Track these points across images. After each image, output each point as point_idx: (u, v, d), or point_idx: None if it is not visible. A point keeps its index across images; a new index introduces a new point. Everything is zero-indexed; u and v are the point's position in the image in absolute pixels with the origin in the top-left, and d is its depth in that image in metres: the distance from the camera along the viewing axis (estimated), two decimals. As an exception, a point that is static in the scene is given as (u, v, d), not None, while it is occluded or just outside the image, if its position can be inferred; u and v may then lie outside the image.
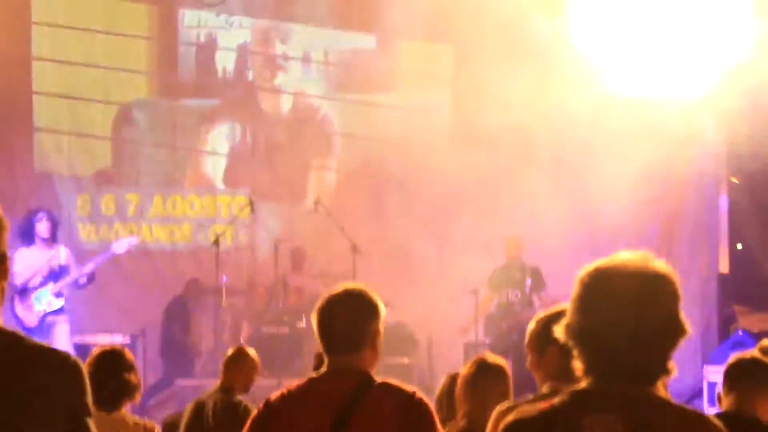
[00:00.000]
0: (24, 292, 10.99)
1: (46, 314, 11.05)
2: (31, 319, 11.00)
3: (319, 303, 3.74)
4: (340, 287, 3.77)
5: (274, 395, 3.75)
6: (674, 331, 2.47)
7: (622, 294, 2.46)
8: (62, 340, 10.78)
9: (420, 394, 3.67)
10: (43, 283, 11.02)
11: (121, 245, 11.57)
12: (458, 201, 14.01)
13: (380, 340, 3.73)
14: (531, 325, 3.85)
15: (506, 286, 11.51)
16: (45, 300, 11.03)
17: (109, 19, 14.16)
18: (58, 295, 11.10)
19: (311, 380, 3.73)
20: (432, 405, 3.78)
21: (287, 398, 3.70)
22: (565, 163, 13.75)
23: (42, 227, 11.04)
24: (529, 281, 11.47)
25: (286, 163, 14.31)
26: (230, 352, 7.36)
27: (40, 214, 11.15)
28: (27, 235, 10.97)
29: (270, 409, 3.73)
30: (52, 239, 11.13)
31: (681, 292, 2.53)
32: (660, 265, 2.51)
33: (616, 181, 13.83)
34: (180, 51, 14.41)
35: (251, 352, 7.24)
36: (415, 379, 11.61)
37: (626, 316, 2.45)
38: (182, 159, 14.43)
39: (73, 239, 13.79)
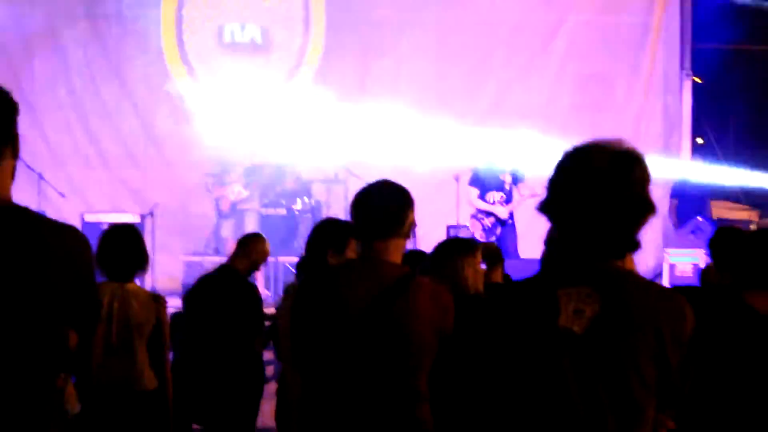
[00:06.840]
0: None
1: None
2: None
3: (358, 192, 3.56)
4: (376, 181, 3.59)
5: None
6: (643, 208, 2.44)
7: (597, 171, 2.42)
8: None
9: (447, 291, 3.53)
10: None
11: None
12: (443, 90, 13.88)
13: (410, 230, 3.57)
14: None
15: (491, 188, 11.31)
16: None
17: None
18: None
19: (351, 265, 3.51)
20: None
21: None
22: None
23: None
24: (511, 179, 11.30)
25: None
26: (246, 235, 7.07)
27: None
28: None
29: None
30: None
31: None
32: (633, 148, 2.47)
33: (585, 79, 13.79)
34: None
35: (265, 239, 6.85)
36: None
37: (601, 192, 2.41)
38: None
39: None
